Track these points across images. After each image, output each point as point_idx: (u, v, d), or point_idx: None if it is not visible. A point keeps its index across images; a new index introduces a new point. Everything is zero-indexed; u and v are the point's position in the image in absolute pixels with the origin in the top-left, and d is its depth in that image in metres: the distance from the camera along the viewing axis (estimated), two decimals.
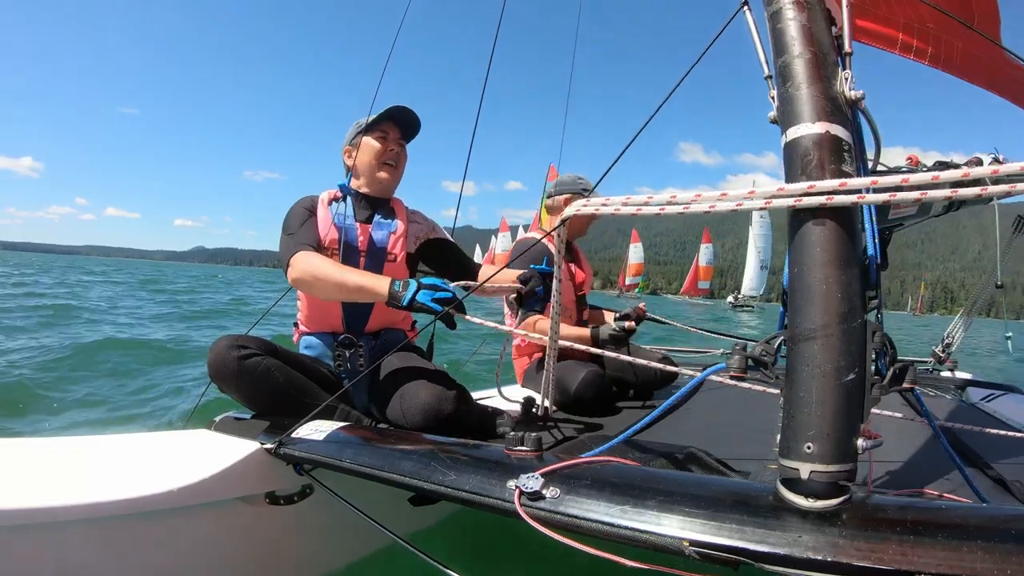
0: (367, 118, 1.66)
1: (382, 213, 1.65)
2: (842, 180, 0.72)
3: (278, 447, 1.18)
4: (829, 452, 0.70)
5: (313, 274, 1.41)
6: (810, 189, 0.73)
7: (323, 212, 1.58)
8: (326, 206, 1.59)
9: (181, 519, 1.07)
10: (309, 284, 1.44)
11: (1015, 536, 0.61)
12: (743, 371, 0.83)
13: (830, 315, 0.72)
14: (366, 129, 1.64)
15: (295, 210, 1.58)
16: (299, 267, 1.42)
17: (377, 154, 1.62)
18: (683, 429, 1.71)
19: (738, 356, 0.83)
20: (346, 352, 1.57)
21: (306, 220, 1.55)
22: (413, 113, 1.65)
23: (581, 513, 0.77)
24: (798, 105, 0.79)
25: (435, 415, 1.30)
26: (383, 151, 1.62)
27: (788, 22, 0.83)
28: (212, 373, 1.31)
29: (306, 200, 1.61)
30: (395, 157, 1.65)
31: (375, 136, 1.63)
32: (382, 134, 1.63)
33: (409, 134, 1.69)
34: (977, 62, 1.87)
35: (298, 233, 1.52)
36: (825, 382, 0.71)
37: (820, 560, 0.62)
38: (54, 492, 0.96)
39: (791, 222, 0.78)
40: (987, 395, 2.49)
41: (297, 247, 1.46)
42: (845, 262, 0.73)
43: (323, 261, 1.45)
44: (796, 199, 0.74)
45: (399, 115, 1.64)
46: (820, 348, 0.72)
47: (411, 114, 1.65)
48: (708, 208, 0.81)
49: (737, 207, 0.80)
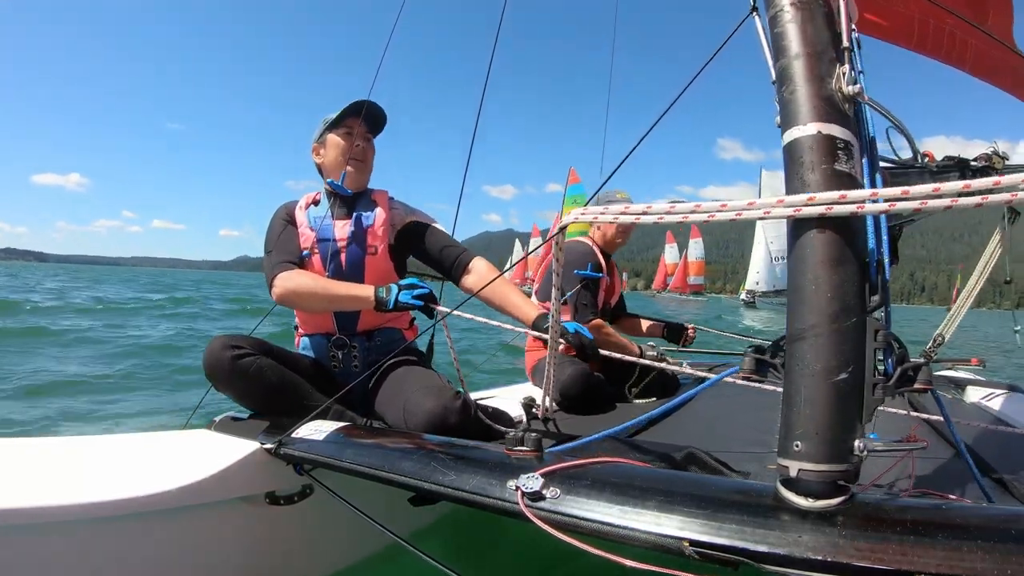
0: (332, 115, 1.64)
1: (361, 206, 1.63)
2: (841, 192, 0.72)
3: (278, 447, 1.18)
4: (819, 451, 0.70)
5: (295, 292, 1.46)
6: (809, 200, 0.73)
7: (301, 217, 1.59)
8: (304, 211, 1.60)
9: (181, 519, 1.07)
10: (293, 303, 1.50)
11: (1015, 536, 0.60)
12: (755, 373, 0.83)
13: (819, 315, 0.72)
14: (331, 126, 1.63)
15: (273, 223, 1.60)
16: (280, 287, 1.46)
17: (343, 150, 1.60)
18: (683, 429, 1.71)
19: (750, 358, 0.83)
20: (339, 353, 1.57)
21: (283, 231, 1.57)
22: (376, 107, 1.63)
23: (581, 513, 0.77)
24: (792, 107, 0.80)
25: (439, 427, 1.29)
26: (349, 146, 1.60)
27: (786, 25, 0.83)
28: (207, 372, 1.33)
29: (282, 209, 1.62)
30: (361, 153, 1.62)
31: (340, 133, 1.62)
32: (347, 130, 1.62)
33: (375, 128, 1.68)
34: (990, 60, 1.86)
35: (276, 250, 1.54)
36: (814, 381, 0.71)
37: (820, 560, 0.62)
38: (54, 492, 0.96)
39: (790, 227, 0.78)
40: (987, 394, 2.49)
41: (276, 267, 1.50)
42: (838, 261, 0.73)
43: (304, 278, 1.47)
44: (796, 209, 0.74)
45: (363, 110, 1.61)
46: (809, 348, 0.72)
47: (374, 108, 1.63)
48: (706, 218, 0.81)
49: (736, 217, 0.80)
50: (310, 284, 1.47)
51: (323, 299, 1.47)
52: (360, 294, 1.45)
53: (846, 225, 0.74)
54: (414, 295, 1.44)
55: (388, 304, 1.43)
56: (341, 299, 1.46)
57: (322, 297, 1.46)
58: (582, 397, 1.94)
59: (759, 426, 1.67)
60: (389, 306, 1.43)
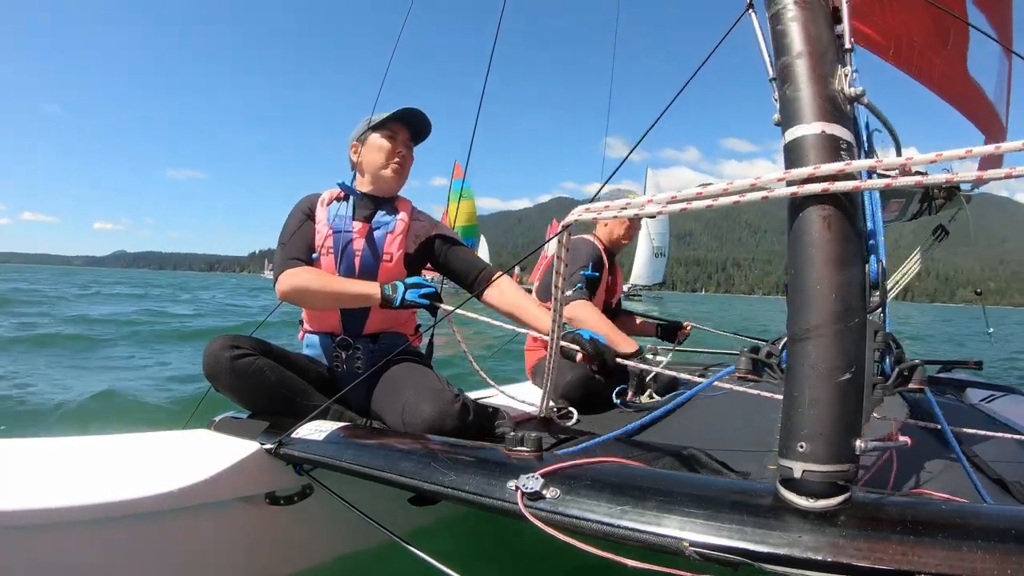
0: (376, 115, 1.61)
1: (385, 211, 1.62)
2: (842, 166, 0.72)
3: (278, 447, 1.18)
4: (823, 452, 0.70)
5: (300, 289, 1.45)
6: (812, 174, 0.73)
7: (321, 213, 1.57)
8: (325, 207, 1.58)
9: (181, 519, 1.07)
10: (297, 300, 1.49)
11: (1015, 536, 0.61)
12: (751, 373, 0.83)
13: (824, 315, 0.72)
14: (375, 127, 1.60)
15: (292, 214, 1.58)
16: (286, 284, 1.46)
17: (387, 154, 1.59)
18: (683, 429, 1.71)
19: (745, 358, 0.83)
20: (343, 353, 1.57)
21: (301, 226, 1.55)
22: (425, 117, 1.61)
23: (581, 513, 0.77)
24: (795, 106, 0.79)
25: (438, 431, 1.28)
26: (392, 152, 1.59)
27: (788, 23, 0.83)
28: (207, 372, 1.34)
29: (304, 202, 1.60)
30: (402, 159, 1.61)
31: (384, 135, 1.59)
32: (391, 134, 1.60)
33: (418, 137, 1.67)
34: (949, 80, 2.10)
35: (289, 244, 1.53)
36: (819, 382, 0.71)
37: (820, 560, 0.62)
38: (54, 493, 0.96)
39: (791, 219, 0.78)
40: (987, 396, 2.49)
41: (285, 263, 1.49)
42: (843, 261, 0.73)
43: (311, 276, 1.46)
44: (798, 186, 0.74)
45: (410, 117, 1.61)
46: (814, 348, 0.72)
47: (422, 117, 1.61)
48: (708, 204, 0.80)
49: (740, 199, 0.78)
50: (316, 281, 1.46)
51: (328, 296, 1.46)
52: (366, 291, 1.44)
53: (848, 218, 0.74)
54: (420, 293, 1.45)
55: (395, 302, 1.43)
56: (347, 296, 1.45)
57: (327, 294, 1.45)
58: (583, 401, 1.94)
59: (759, 426, 1.67)
60: (396, 303, 1.43)
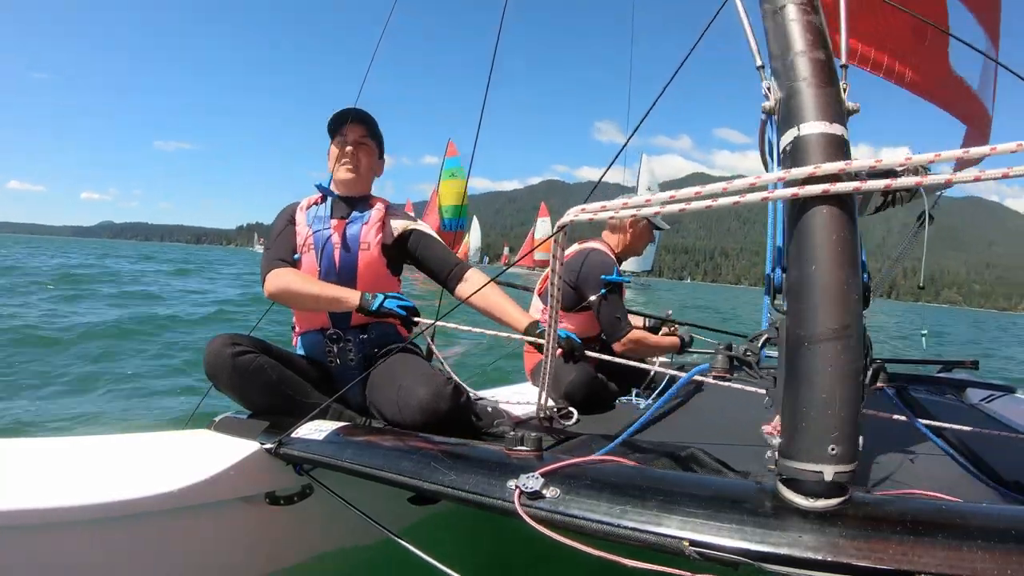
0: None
1: (359, 209, 1.69)
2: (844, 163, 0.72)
3: (278, 447, 1.18)
4: (848, 453, 0.70)
5: (284, 290, 1.53)
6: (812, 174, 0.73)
7: (301, 217, 1.66)
8: (304, 211, 1.67)
9: (181, 519, 1.07)
10: (282, 299, 1.56)
11: (1015, 536, 0.61)
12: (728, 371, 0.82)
13: (849, 316, 0.71)
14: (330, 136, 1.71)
15: (276, 221, 1.69)
16: (272, 284, 1.55)
17: (336, 157, 1.69)
18: (683, 429, 1.71)
19: (722, 356, 0.83)
20: (334, 347, 1.59)
21: (283, 230, 1.65)
22: (356, 111, 1.68)
23: (581, 513, 0.77)
24: (799, 105, 0.79)
25: (432, 412, 1.31)
26: (340, 154, 1.68)
27: (791, 22, 0.83)
28: (208, 371, 1.35)
29: (287, 210, 1.71)
30: (351, 157, 1.68)
31: (335, 142, 1.70)
32: (341, 138, 1.69)
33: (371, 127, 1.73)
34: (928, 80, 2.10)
35: (274, 247, 1.63)
36: (848, 383, 0.70)
37: (820, 560, 0.62)
38: (55, 493, 0.96)
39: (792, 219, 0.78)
40: (987, 396, 2.49)
41: (270, 264, 1.58)
42: (853, 261, 0.73)
43: (295, 277, 1.55)
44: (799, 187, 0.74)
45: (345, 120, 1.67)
46: (842, 349, 0.71)
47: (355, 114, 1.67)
48: (707, 204, 0.80)
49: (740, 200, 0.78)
50: (297, 282, 1.53)
51: (309, 297, 1.53)
52: (344, 296, 1.50)
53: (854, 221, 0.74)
54: (399, 304, 1.50)
55: (371, 307, 1.47)
56: (326, 299, 1.52)
57: (307, 295, 1.52)
58: (585, 401, 1.94)
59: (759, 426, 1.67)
60: (372, 308, 1.47)
